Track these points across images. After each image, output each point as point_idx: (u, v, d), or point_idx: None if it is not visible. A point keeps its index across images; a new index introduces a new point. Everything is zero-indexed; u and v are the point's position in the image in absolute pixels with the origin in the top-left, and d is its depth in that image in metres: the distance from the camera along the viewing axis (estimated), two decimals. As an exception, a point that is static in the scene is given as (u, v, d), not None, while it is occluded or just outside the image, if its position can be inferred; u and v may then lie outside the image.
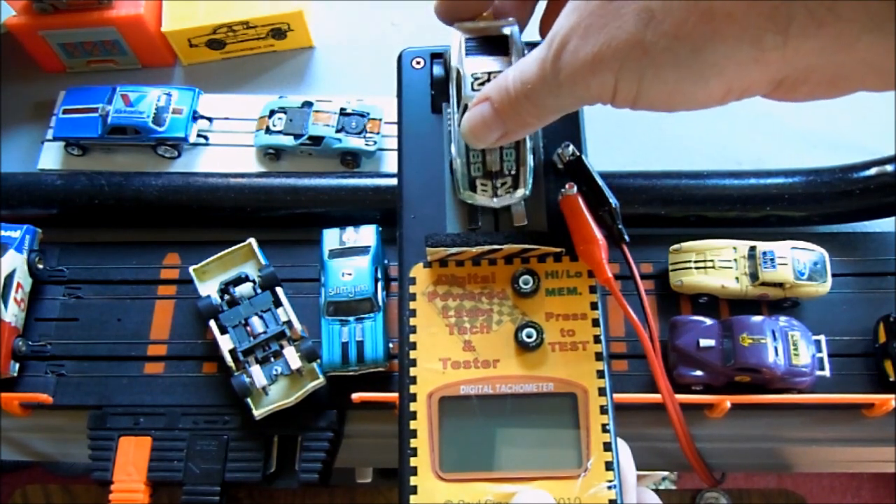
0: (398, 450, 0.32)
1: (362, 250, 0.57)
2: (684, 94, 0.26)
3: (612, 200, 0.35)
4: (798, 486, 1.31)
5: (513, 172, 0.34)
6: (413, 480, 0.31)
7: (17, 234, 0.60)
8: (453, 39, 0.34)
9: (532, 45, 0.37)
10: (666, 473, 1.27)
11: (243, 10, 0.68)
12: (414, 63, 0.37)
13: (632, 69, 0.26)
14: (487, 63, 0.33)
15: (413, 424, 0.32)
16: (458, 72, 0.33)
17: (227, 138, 0.67)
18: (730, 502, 1.17)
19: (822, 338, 0.55)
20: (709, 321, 0.55)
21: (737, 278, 0.56)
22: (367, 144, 0.63)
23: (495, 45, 0.34)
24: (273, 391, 0.55)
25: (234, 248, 0.59)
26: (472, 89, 0.33)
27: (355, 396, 0.54)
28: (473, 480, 0.31)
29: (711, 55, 0.24)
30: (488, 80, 0.32)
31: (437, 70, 0.37)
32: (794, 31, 0.23)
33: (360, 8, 0.74)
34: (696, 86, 0.25)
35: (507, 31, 0.34)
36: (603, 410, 0.32)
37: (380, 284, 0.57)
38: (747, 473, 1.31)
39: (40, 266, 0.61)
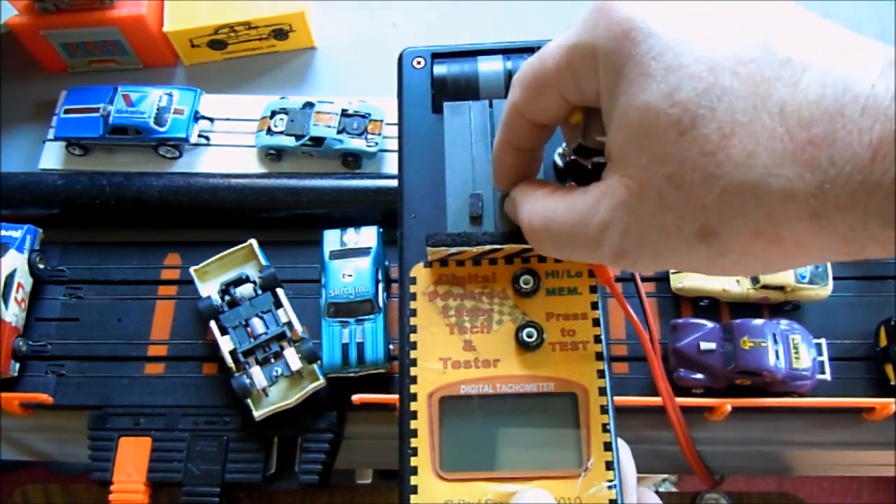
0: (398, 449, 0.32)
1: (363, 251, 0.57)
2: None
3: None
4: (798, 489, 1.31)
5: None
6: (413, 480, 0.31)
7: (18, 233, 0.60)
8: None
9: (529, 50, 0.37)
10: (666, 475, 1.27)
11: (245, 10, 0.68)
12: (415, 63, 0.37)
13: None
14: None
15: (413, 424, 0.32)
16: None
17: (228, 139, 0.67)
18: (730, 504, 1.17)
19: (823, 341, 0.55)
20: (710, 324, 0.55)
21: (738, 281, 0.56)
22: (368, 146, 0.63)
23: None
24: (273, 392, 0.54)
25: (234, 248, 0.59)
26: None
27: (355, 398, 0.54)
28: (474, 480, 0.31)
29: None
30: None
31: (438, 69, 0.37)
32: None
33: (361, 9, 0.74)
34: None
35: None
36: (603, 410, 0.32)
37: (380, 286, 0.56)
38: (747, 476, 1.30)
39: (41, 266, 0.61)
